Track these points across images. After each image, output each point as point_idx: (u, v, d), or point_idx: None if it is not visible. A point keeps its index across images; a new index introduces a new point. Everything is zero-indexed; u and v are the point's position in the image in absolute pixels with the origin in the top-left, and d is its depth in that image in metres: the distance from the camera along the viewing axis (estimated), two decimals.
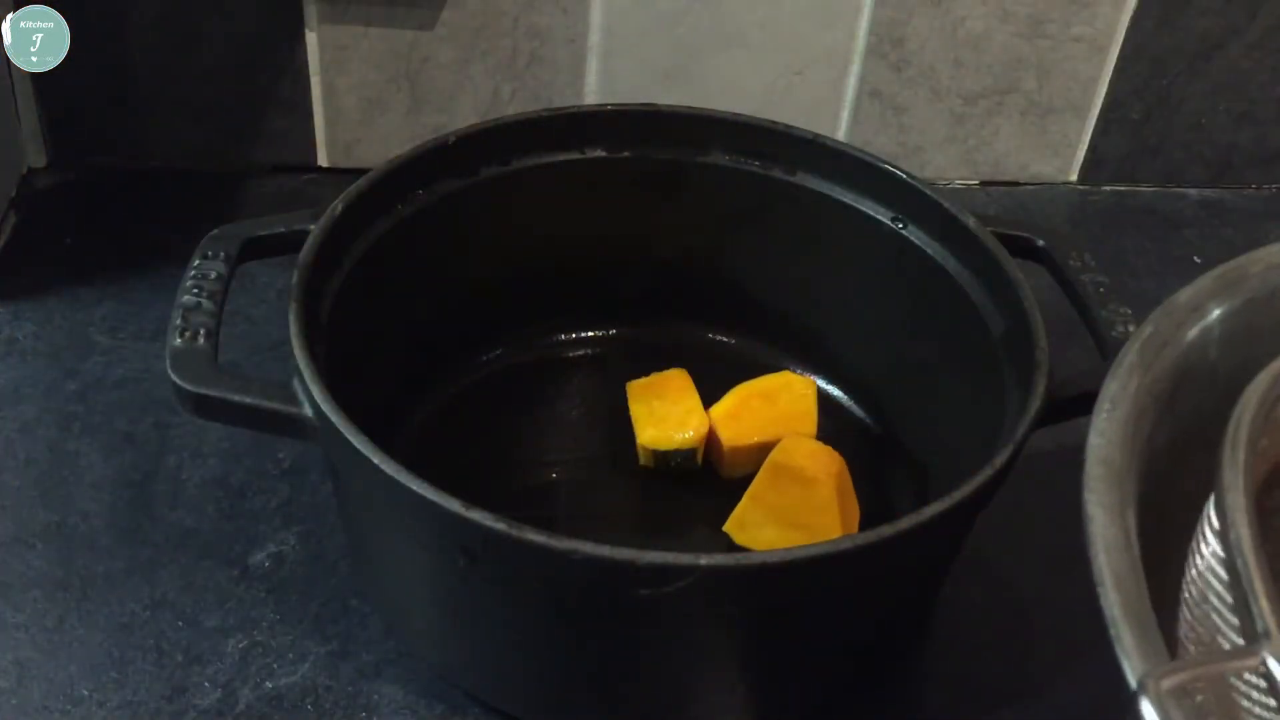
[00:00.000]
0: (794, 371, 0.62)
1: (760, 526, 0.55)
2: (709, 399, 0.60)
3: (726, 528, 0.55)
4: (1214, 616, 0.35)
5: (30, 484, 0.58)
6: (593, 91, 0.77)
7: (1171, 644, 0.33)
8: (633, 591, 0.41)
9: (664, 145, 0.61)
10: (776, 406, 0.59)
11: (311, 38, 0.74)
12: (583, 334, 0.64)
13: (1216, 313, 0.43)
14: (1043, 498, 0.53)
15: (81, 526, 0.56)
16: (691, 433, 0.58)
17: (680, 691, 0.48)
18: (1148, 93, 0.81)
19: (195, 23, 0.73)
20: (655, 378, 0.61)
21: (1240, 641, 0.32)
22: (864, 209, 0.59)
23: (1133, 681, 0.30)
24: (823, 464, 0.55)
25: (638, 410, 0.60)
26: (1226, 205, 0.85)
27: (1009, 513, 0.51)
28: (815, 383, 0.61)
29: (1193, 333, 0.42)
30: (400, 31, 0.74)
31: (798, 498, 0.54)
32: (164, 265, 0.69)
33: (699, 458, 0.59)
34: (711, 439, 0.59)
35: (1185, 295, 0.43)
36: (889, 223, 0.59)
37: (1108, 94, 0.81)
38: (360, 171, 0.56)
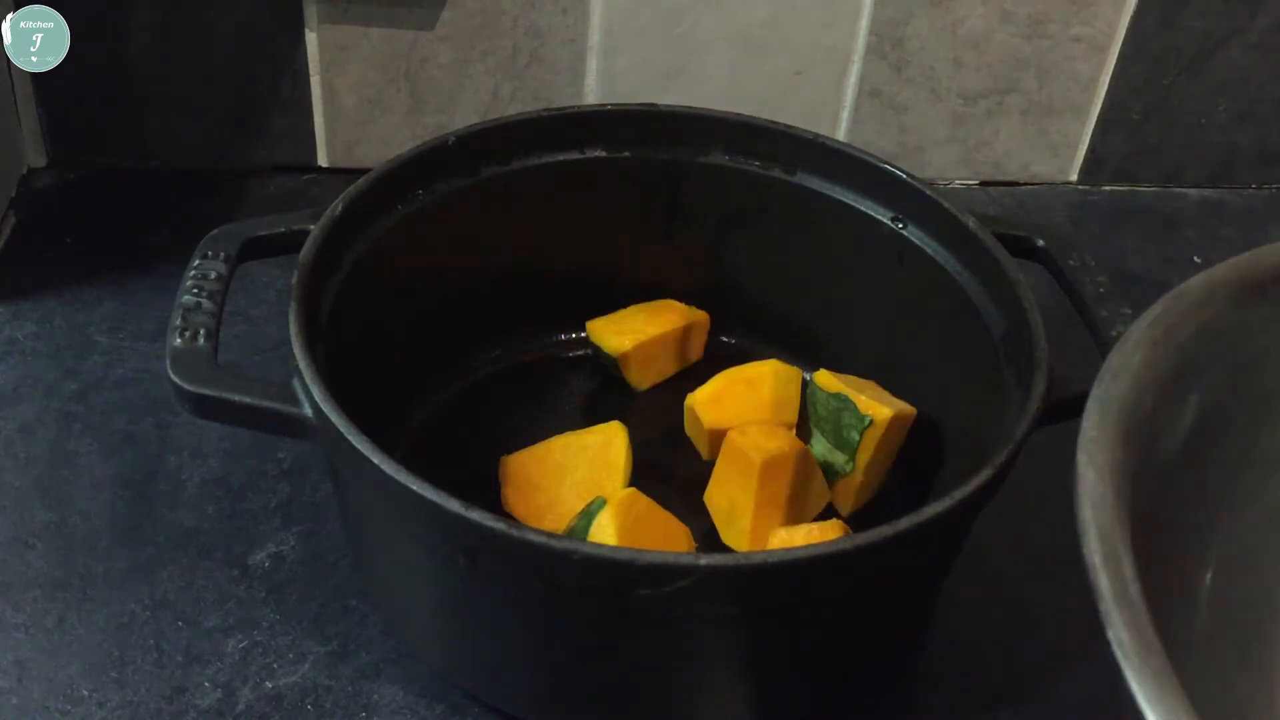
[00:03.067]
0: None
1: (738, 517, 0.55)
2: None
3: (726, 540, 0.56)
4: None
5: (30, 484, 0.58)
6: (593, 91, 0.77)
7: (1149, 594, 0.34)
8: (633, 591, 0.41)
9: (664, 145, 0.61)
10: (759, 393, 0.59)
11: (311, 38, 0.74)
12: (582, 334, 0.64)
13: (1227, 302, 0.43)
14: (1042, 498, 0.52)
15: (81, 526, 0.56)
16: (626, 345, 0.61)
17: (680, 691, 0.48)
18: (1148, 93, 0.81)
19: (195, 23, 0.73)
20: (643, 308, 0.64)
21: None
22: (864, 209, 0.59)
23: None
24: (760, 445, 0.54)
25: (606, 319, 0.63)
26: (1226, 205, 0.85)
27: (1009, 513, 0.51)
28: (801, 372, 0.61)
29: (1201, 319, 0.42)
30: (400, 31, 0.74)
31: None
32: (164, 265, 0.69)
33: (623, 372, 0.63)
34: (694, 421, 0.59)
35: (1197, 282, 0.43)
36: (889, 223, 0.59)
37: (1108, 94, 0.81)
38: (360, 171, 0.56)
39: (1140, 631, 0.32)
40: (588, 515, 0.50)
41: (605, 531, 0.49)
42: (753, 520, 0.54)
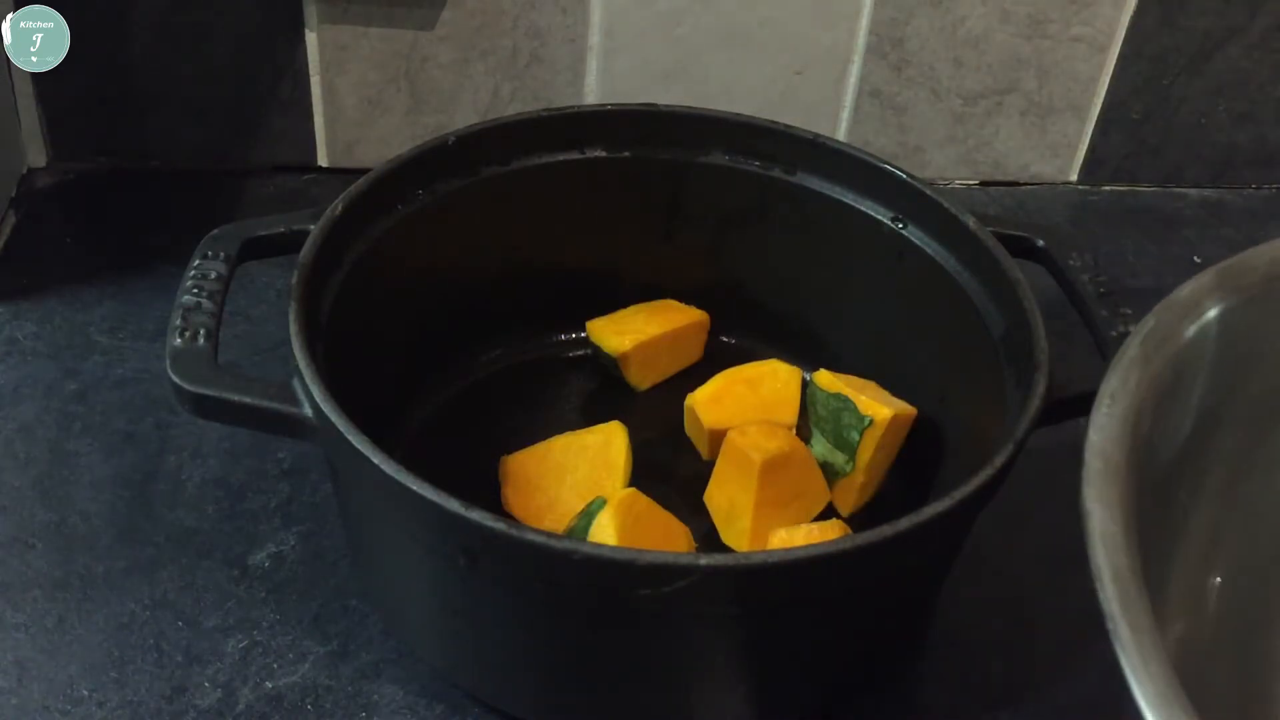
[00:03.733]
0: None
1: (739, 518, 0.55)
2: None
3: (726, 540, 0.56)
4: None
5: (30, 484, 0.58)
6: (593, 91, 0.77)
7: (1151, 594, 0.33)
8: (633, 591, 0.41)
9: (664, 145, 0.61)
10: (759, 393, 0.59)
11: (311, 38, 0.74)
12: (582, 334, 0.64)
13: (1218, 308, 0.43)
14: (1043, 498, 0.53)
15: (81, 526, 0.56)
16: (626, 344, 0.61)
17: (680, 691, 0.48)
18: (1148, 93, 0.81)
19: (195, 23, 0.73)
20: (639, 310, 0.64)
21: None
22: (864, 209, 0.59)
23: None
24: (760, 444, 0.54)
25: (606, 319, 0.63)
26: (1226, 205, 0.85)
27: (1009, 513, 0.51)
28: (800, 372, 0.61)
29: (1194, 328, 0.43)
30: (400, 31, 0.74)
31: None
32: (164, 265, 0.69)
33: (623, 372, 0.63)
34: (694, 421, 0.59)
35: (1187, 290, 0.43)
36: (889, 223, 0.59)
37: (1108, 94, 0.81)
38: (360, 171, 0.56)
39: (1140, 632, 0.32)
40: (588, 515, 0.50)
41: (605, 531, 0.49)
42: (753, 520, 0.54)
